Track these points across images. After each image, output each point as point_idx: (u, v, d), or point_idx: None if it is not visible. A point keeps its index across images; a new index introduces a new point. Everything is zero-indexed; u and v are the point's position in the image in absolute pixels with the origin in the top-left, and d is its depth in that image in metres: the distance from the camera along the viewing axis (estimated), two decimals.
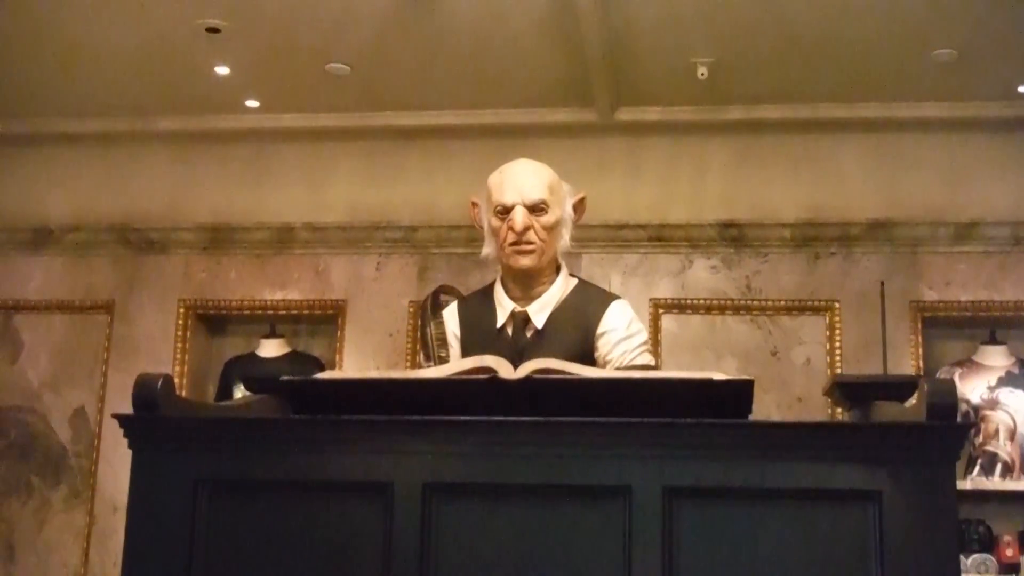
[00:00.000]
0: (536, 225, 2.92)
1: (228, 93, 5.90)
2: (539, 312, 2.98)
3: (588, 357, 2.87)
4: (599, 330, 2.96)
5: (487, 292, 3.09)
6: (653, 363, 3.11)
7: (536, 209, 2.91)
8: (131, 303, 6.25)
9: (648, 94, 5.79)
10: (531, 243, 2.92)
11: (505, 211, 2.92)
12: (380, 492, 2.05)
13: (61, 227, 6.32)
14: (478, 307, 3.08)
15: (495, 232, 2.97)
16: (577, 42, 5.14)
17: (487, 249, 3.03)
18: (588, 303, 3.03)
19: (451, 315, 3.12)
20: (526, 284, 2.99)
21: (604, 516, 2.01)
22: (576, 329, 2.96)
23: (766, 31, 5.07)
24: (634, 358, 2.94)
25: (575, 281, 3.09)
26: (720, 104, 5.85)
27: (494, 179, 2.98)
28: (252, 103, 6.03)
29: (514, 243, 2.91)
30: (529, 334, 2.96)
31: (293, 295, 6.16)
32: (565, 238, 3.01)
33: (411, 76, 5.66)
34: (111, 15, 5.10)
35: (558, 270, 3.05)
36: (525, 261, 2.93)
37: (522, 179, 2.94)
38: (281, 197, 6.24)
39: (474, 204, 3.07)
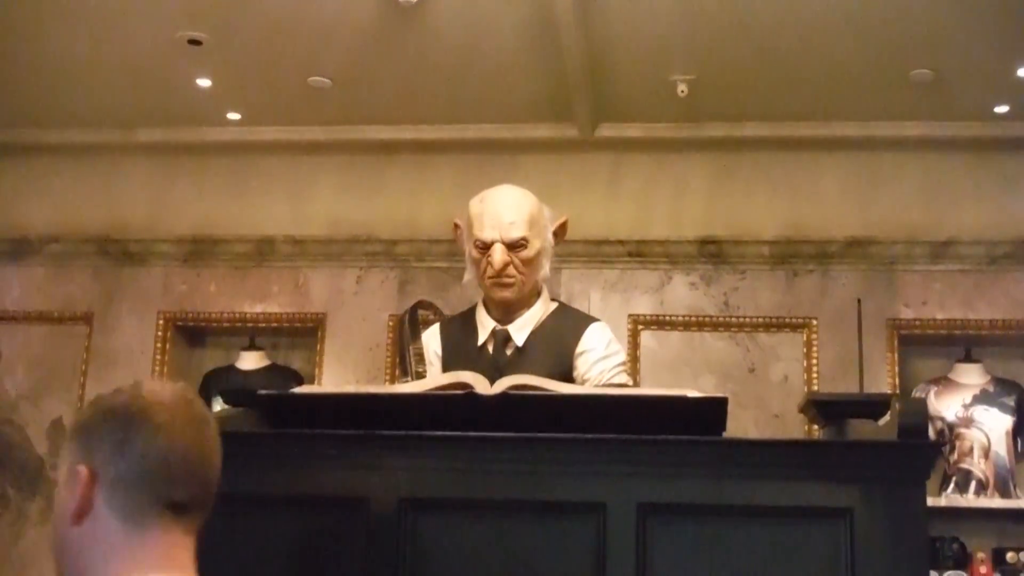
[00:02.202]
0: (515, 260, 2.94)
1: (209, 105, 5.90)
2: (520, 331, 3.01)
3: (567, 376, 2.90)
4: (578, 350, 3.00)
5: (469, 313, 3.13)
6: (630, 383, 3.14)
7: (515, 246, 2.94)
8: (110, 315, 6.23)
9: (628, 111, 5.82)
10: (511, 277, 2.95)
11: (484, 246, 2.95)
12: (357, 507, 2.06)
13: (41, 238, 6.30)
14: (460, 327, 3.12)
15: (475, 263, 2.99)
16: (558, 58, 5.16)
17: (468, 276, 3.06)
18: (568, 324, 3.06)
19: (433, 335, 3.15)
20: (507, 309, 3.03)
21: (579, 532, 2.02)
22: (555, 348, 2.99)
23: (745, 50, 5.10)
24: (611, 377, 2.97)
25: (555, 304, 3.14)
26: (700, 122, 5.87)
27: (475, 209, 2.99)
28: (234, 116, 6.03)
29: (493, 277, 2.94)
30: (509, 352, 2.99)
31: (273, 308, 6.16)
32: (545, 267, 3.04)
33: (393, 91, 5.67)
34: (92, 26, 5.10)
35: (539, 293, 3.09)
36: (505, 294, 2.97)
37: (502, 214, 2.95)
38: (262, 210, 6.23)
39: (456, 226, 3.09)
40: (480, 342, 3.02)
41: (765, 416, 5.64)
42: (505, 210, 2.96)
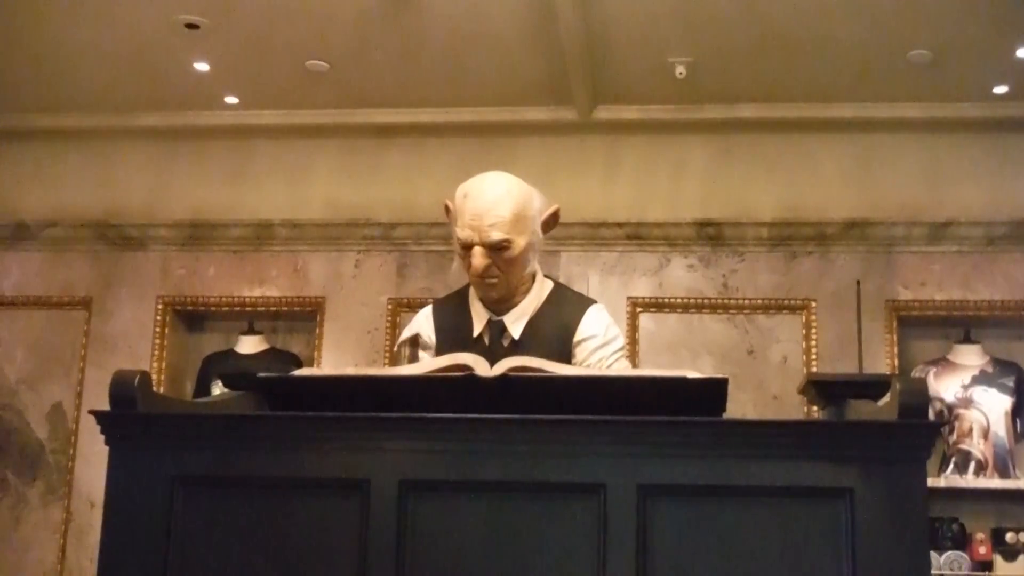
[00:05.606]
0: (498, 260, 2.80)
1: (207, 89, 5.89)
2: (515, 322, 2.91)
3: (566, 363, 2.82)
4: (576, 338, 2.91)
5: (462, 297, 3.00)
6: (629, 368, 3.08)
7: (497, 247, 2.79)
8: (109, 299, 6.23)
9: (626, 93, 5.81)
10: (493, 278, 2.82)
11: (465, 246, 2.81)
12: (357, 489, 2.06)
13: (39, 222, 6.30)
14: (453, 314, 2.99)
15: (460, 256, 2.86)
16: (556, 41, 5.15)
17: (456, 264, 2.95)
18: (564, 310, 2.96)
19: (426, 319, 3.02)
20: (498, 300, 2.92)
21: (579, 514, 2.02)
22: (553, 337, 2.90)
23: (743, 31, 5.09)
24: (611, 364, 2.90)
25: (551, 285, 3.01)
26: (698, 103, 5.87)
27: (458, 202, 2.83)
28: (231, 99, 6.02)
29: (476, 277, 2.83)
30: (506, 343, 2.89)
31: (271, 292, 6.16)
32: (533, 262, 2.90)
33: (390, 74, 5.66)
34: (90, 10, 5.09)
35: (533, 276, 2.96)
36: (490, 293, 2.86)
37: (482, 215, 2.77)
38: (260, 194, 6.23)
39: (447, 208, 2.96)
40: (476, 333, 2.92)
41: (764, 398, 5.65)
42: (486, 210, 2.77)
